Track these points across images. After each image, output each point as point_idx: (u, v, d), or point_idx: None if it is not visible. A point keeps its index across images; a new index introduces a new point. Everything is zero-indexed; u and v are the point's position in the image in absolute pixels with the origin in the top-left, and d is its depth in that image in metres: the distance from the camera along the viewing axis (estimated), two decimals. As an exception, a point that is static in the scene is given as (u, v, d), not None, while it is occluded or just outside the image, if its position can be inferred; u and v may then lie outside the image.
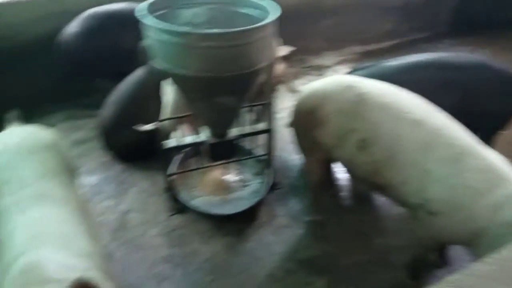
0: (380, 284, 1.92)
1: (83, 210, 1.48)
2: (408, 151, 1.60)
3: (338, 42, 4.50)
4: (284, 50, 3.32)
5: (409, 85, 1.83)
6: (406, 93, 1.77)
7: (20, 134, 1.59)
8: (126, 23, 2.65)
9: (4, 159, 1.47)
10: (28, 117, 1.69)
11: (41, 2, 2.99)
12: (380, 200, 2.35)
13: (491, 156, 1.54)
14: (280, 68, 3.11)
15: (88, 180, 2.47)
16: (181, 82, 1.84)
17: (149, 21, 1.65)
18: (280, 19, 1.76)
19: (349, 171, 1.93)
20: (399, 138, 1.62)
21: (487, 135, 1.64)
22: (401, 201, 1.72)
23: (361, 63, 3.97)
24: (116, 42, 2.88)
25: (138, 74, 2.63)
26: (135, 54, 1.88)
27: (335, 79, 1.93)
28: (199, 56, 1.64)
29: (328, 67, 4.22)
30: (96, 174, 2.54)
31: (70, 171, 1.60)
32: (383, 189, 1.76)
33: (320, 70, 4.15)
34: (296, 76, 3.93)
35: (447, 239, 1.66)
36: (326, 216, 2.27)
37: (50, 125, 2.92)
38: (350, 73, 2.51)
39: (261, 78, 2.05)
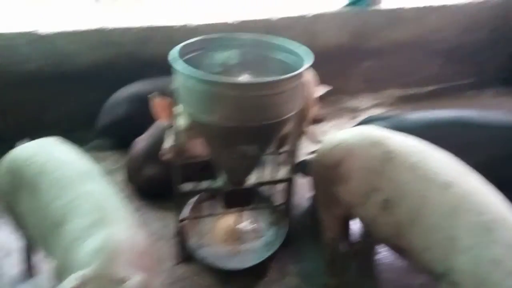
0: None
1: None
2: (434, 215, 1.47)
3: (378, 84, 4.34)
4: (320, 90, 3.24)
5: (430, 142, 1.69)
6: (437, 151, 1.64)
7: None
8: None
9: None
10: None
11: (88, 33, 3.13)
12: (403, 265, 2.16)
13: None
14: (314, 109, 3.03)
15: (101, 217, 2.45)
16: (203, 128, 1.80)
17: (177, 65, 1.64)
18: (320, 58, 1.69)
19: (371, 231, 1.79)
20: (425, 200, 1.49)
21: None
22: (424, 268, 1.56)
23: (390, 110, 3.85)
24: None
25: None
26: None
27: (362, 132, 1.81)
28: (225, 104, 1.60)
29: (363, 109, 4.07)
30: (110, 211, 2.51)
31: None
32: (406, 253, 1.61)
33: (354, 112, 4.01)
34: (327, 118, 3.82)
35: None
36: (342, 279, 2.10)
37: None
38: (366, 122, 2.35)
39: (289, 125, 1.97)
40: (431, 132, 2.06)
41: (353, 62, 4.15)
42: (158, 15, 3.47)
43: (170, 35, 3.22)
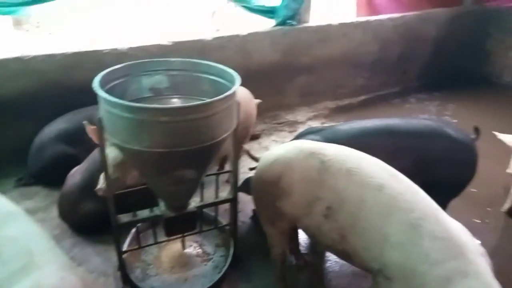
0: None
1: None
2: (371, 216, 1.54)
3: (312, 97, 4.52)
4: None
5: (360, 151, 1.77)
6: (369, 157, 1.72)
7: None
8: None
9: None
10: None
11: (7, 62, 2.92)
12: (351, 271, 2.22)
13: (451, 224, 1.47)
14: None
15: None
16: (134, 157, 1.72)
17: (102, 93, 1.54)
18: (255, 76, 1.68)
19: (316, 240, 1.83)
20: (363, 203, 1.57)
21: (441, 203, 1.58)
22: (364, 268, 1.62)
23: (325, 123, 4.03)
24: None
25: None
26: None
27: (296, 145, 1.85)
28: (155, 131, 1.53)
29: (300, 122, 4.19)
30: (43, 251, 2.31)
31: None
32: (350, 256, 1.66)
33: (293, 126, 4.11)
34: (267, 132, 3.88)
35: None
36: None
37: (2, 191, 2.77)
38: (300, 136, 2.42)
39: (228, 145, 1.95)
40: (361, 141, 2.17)
41: (287, 78, 4.28)
42: (87, 39, 3.34)
43: (99, 60, 3.09)
